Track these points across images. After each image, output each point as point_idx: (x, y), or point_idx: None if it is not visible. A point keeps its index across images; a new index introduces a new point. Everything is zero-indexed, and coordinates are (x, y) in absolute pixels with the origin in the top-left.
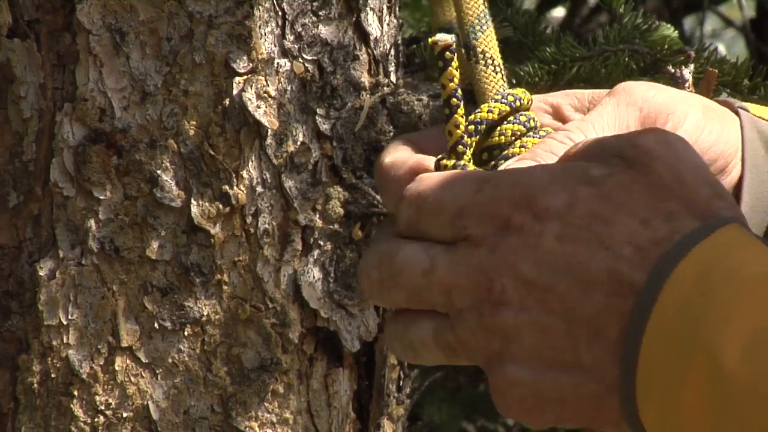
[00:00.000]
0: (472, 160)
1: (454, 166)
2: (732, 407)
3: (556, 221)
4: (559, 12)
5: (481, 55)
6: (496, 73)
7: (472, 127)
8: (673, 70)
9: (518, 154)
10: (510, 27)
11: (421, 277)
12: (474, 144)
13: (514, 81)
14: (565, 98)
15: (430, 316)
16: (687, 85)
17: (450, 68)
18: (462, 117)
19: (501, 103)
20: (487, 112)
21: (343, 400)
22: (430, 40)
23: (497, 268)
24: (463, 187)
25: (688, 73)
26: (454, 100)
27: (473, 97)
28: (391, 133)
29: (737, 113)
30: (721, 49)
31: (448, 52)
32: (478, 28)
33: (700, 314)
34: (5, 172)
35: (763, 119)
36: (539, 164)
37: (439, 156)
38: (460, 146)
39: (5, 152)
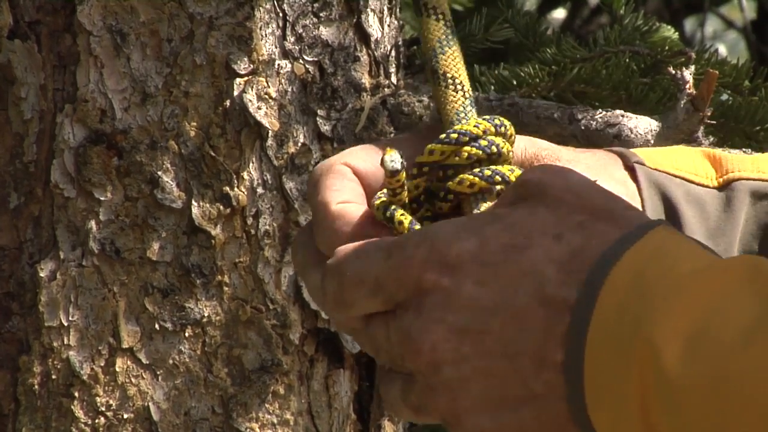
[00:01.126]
0: (406, 203)
1: (384, 209)
2: (676, 404)
3: (471, 266)
4: (559, 13)
5: (442, 77)
6: (456, 92)
7: (415, 169)
8: (673, 72)
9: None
10: (511, 28)
11: (385, 343)
12: (418, 185)
13: (514, 82)
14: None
15: (401, 377)
16: (687, 86)
17: (396, 177)
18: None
19: (446, 144)
20: (429, 155)
21: (344, 401)
22: (381, 159)
23: (424, 327)
24: (375, 256)
25: (688, 74)
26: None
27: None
28: (392, 134)
29: (633, 170)
30: (722, 50)
31: (393, 172)
32: (439, 50)
33: (639, 314)
34: (6, 173)
35: (660, 170)
36: (446, 220)
37: (376, 197)
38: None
39: (6, 153)
